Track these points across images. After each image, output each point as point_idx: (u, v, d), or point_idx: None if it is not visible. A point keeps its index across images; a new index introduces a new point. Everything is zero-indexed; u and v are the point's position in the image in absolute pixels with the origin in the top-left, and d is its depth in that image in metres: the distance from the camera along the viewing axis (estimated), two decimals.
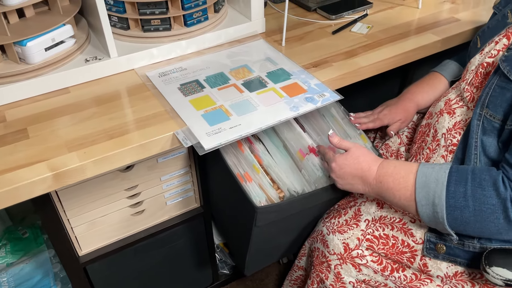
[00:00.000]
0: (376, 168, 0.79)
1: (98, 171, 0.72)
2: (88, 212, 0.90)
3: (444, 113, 0.86)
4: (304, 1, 1.15)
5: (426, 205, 0.72)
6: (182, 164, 0.97)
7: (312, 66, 0.93)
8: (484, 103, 0.76)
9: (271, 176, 0.87)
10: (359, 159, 0.81)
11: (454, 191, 0.70)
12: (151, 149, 0.76)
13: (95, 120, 0.79)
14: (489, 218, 0.68)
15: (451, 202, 0.70)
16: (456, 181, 0.70)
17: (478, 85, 0.82)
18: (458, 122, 0.84)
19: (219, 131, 0.76)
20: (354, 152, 0.82)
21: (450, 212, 0.70)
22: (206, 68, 0.92)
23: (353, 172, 0.81)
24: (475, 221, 0.70)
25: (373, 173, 0.80)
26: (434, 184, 0.71)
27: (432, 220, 0.74)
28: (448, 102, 0.88)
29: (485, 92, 0.76)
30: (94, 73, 0.88)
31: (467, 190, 0.69)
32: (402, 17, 1.10)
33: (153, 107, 0.82)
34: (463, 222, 0.71)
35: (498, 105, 0.74)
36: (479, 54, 0.85)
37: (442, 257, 0.79)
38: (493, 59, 0.80)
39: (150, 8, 0.89)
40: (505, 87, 0.73)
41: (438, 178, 0.72)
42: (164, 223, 1.05)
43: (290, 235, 0.98)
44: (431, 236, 0.80)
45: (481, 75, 0.81)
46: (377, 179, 0.79)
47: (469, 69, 0.86)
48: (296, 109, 0.81)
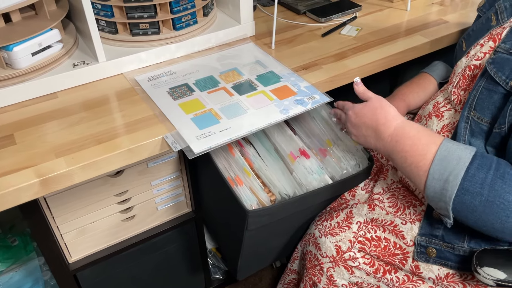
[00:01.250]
0: (394, 125, 0.75)
1: (86, 177, 0.71)
2: (77, 218, 0.89)
3: (433, 116, 0.87)
4: (294, 4, 1.15)
5: (438, 179, 0.69)
6: (173, 169, 0.96)
7: (302, 68, 0.93)
8: (471, 106, 0.76)
9: (262, 180, 0.87)
10: (376, 111, 0.78)
11: (473, 174, 0.66)
12: (140, 154, 0.75)
13: (83, 125, 0.78)
14: (499, 213, 0.65)
15: (466, 184, 0.66)
16: (479, 166, 0.67)
17: (465, 87, 0.82)
18: (446, 125, 0.84)
19: (209, 134, 0.75)
20: (373, 103, 0.79)
21: (459, 195, 0.67)
22: (196, 72, 0.92)
23: (368, 122, 0.78)
24: (482, 212, 0.66)
25: (389, 129, 0.76)
26: (455, 162, 0.67)
27: (435, 197, 0.70)
28: (436, 105, 0.88)
29: (473, 94, 0.76)
30: (82, 77, 0.87)
31: (487, 178, 0.66)
32: (391, 19, 1.11)
33: (142, 111, 0.81)
34: (470, 209, 0.67)
35: (485, 107, 0.74)
36: (465, 57, 0.85)
37: (433, 261, 0.79)
38: (480, 62, 0.80)
39: (139, 12, 0.89)
40: (492, 90, 0.73)
41: (461, 156, 0.68)
42: (155, 228, 1.04)
43: (282, 238, 0.97)
44: (421, 240, 0.80)
45: (468, 78, 0.81)
46: (393, 137, 0.75)
47: (456, 72, 0.86)
48: (286, 112, 0.81)
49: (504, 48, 0.74)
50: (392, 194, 0.90)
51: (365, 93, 0.82)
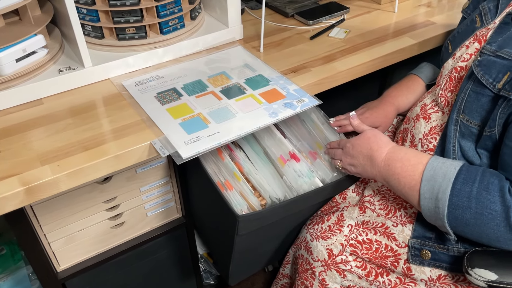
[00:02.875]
0: (386, 150, 0.79)
1: (72, 184, 0.70)
2: (65, 226, 0.88)
3: (420, 118, 0.87)
4: (282, 7, 1.15)
5: (429, 198, 0.71)
6: (162, 174, 0.95)
7: (290, 71, 0.93)
8: (460, 109, 0.76)
9: (252, 184, 0.86)
10: (370, 140, 0.82)
11: (460, 189, 0.68)
12: (128, 160, 0.74)
13: (69, 131, 0.77)
14: (489, 224, 0.67)
15: (454, 200, 0.68)
16: (464, 180, 0.68)
17: (452, 89, 0.82)
18: (434, 127, 0.84)
19: (197, 139, 0.75)
20: (367, 133, 0.84)
21: (451, 210, 0.69)
22: (184, 76, 0.91)
23: (363, 151, 0.81)
24: (474, 224, 0.68)
25: (382, 154, 0.79)
26: (441, 179, 0.70)
27: (432, 215, 0.72)
28: (424, 107, 0.88)
29: (461, 97, 0.76)
30: (68, 83, 0.86)
31: (472, 191, 0.67)
32: (379, 21, 1.11)
33: (129, 117, 0.80)
34: (463, 223, 0.69)
35: (474, 110, 0.74)
36: (452, 59, 0.85)
37: (428, 263, 0.79)
38: (466, 63, 0.80)
39: (125, 16, 0.88)
40: (479, 92, 0.73)
41: (446, 173, 0.70)
42: (145, 234, 1.02)
43: (274, 242, 0.97)
44: (415, 242, 0.80)
45: (455, 79, 0.81)
46: (386, 162, 0.78)
47: (442, 74, 0.86)
48: (275, 115, 0.81)
49: (490, 50, 0.74)
50: (382, 196, 0.90)
51: (360, 126, 0.88)
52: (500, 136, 0.70)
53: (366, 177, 0.85)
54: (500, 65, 0.70)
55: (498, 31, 0.75)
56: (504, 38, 0.73)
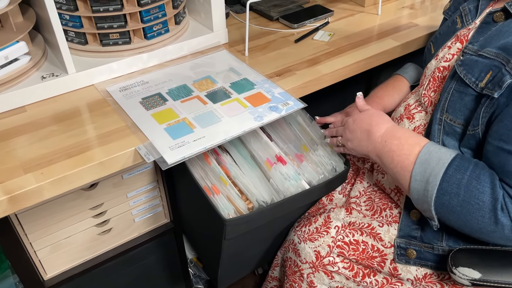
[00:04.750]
0: (386, 126, 0.80)
1: (56, 192, 0.69)
2: (51, 234, 0.87)
3: (404, 118, 0.88)
4: (266, 11, 1.16)
5: (420, 181, 0.71)
6: (149, 179, 0.95)
7: (275, 75, 0.93)
8: (443, 108, 0.77)
9: (239, 187, 0.86)
10: (372, 116, 0.83)
11: (451, 175, 0.68)
12: (112, 166, 0.73)
13: (53, 138, 0.76)
14: (475, 213, 0.67)
15: (444, 185, 0.68)
16: (457, 167, 0.69)
17: (435, 89, 0.83)
18: (417, 126, 0.85)
19: (183, 144, 0.75)
20: (370, 110, 0.85)
21: (439, 195, 0.69)
22: (169, 81, 0.91)
23: (363, 126, 0.82)
24: (460, 212, 0.68)
25: (381, 130, 0.79)
26: (434, 163, 0.70)
27: (420, 198, 0.72)
28: (408, 107, 0.89)
29: (444, 97, 0.77)
30: (52, 90, 0.85)
31: (463, 179, 0.68)
32: (363, 23, 1.12)
33: (114, 123, 0.80)
34: (449, 210, 0.69)
35: (457, 109, 0.75)
36: (434, 59, 0.86)
37: (414, 262, 0.80)
38: (449, 63, 0.81)
39: (108, 22, 0.87)
40: (463, 92, 0.73)
41: (441, 158, 0.70)
42: (133, 240, 1.02)
43: (262, 245, 0.97)
44: (400, 242, 0.81)
45: (438, 79, 0.82)
46: (383, 138, 0.78)
47: (426, 74, 0.87)
48: (261, 119, 0.81)
49: (472, 50, 0.75)
50: (368, 197, 0.91)
51: (364, 106, 0.88)
52: (483, 135, 0.71)
53: (359, 153, 0.85)
54: (482, 64, 0.71)
55: (480, 30, 0.77)
56: (485, 38, 0.74)
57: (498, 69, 0.67)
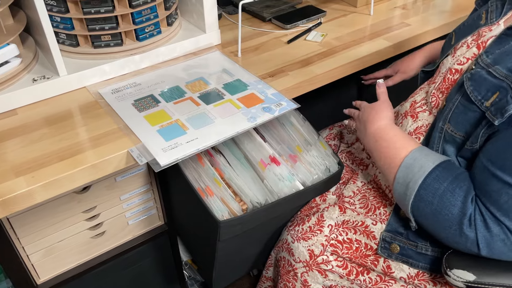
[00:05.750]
0: (378, 125, 0.82)
1: (48, 196, 0.69)
2: (44, 238, 0.86)
3: (408, 116, 0.87)
4: (259, 12, 1.16)
5: (401, 184, 0.74)
6: (142, 182, 0.94)
7: (268, 76, 0.93)
8: (446, 118, 0.76)
9: (233, 189, 0.86)
10: (373, 110, 0.86)
11: (429, 184, 0.70)
12: (105, 169, 0.73)
13: (44, 141, 0.75)
14: (443, 223, 0.69)
15: (422, 192, 0.71)
16: (437, 177, 0.70)
17: (444, 90, 0.81)
18: (419, 126, 0.84)
19: (176, 146, 0.74)
20: (377, 103, 0.88)
21: (416, 201, 0.72)
22: (161, 82, 0.90)
23: (364, 118, 0.87)
24: (432, 220, 0.71)
25: (372, 127, 0.83)
26: (416, 169, 0.72)
27: (400, 199, 0.75)
28: (413, 105, 0.88)
29: (449, 107, 0.76)
30: (43, 93, 0.85)
31: (439, 189, 0.70)
32: (355, 24, 1.12)
33: (106, 125, 0.79)
34: (423, 215, 0.72)
35: (459, 122, 0.74)
36: (451, 56, 0.84)
37: (395, 257, 0.81)
38: (462, 67, 0.79)
39: (100, 23, 0.87)
40: (467, 107, 0.72)
41: (423, 165, 0.72)
42: (127, 243, 1.01)
43: (257, 246, 0.97)
44: (386, 235, 0.82)
45: (448, 81, 0.81)
46: (374, 136, 0.82)
47: (441, 71, 0.85)
48: (254, 120, 0.81)
49: (485, 62, 0.72)
50: (363, 195, 0.91)
51: (380, 95, 0.90)
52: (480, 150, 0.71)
53: (361, 139, 0.89)
54: (490, 83, 0.69)
55: (498, 41, 0.73)
56: (501, 51, 0.71)
57: (505, 92, 0.66)
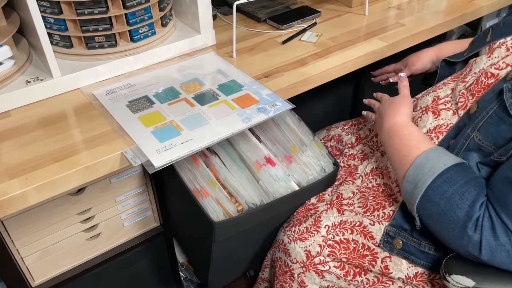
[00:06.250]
0: (394, 121, 0.82)
1: (42, 198, 0.68)
2: (38, 240, 0.86)
3: (429, 111, 0.85)
4: (254, 12, 1.15)
5: (410, 182, 0.74)
6: (138, 183, 0.94)
7: (263, 76, 0.93)
8: (476, 126, 0.73)
9: (228, 190, 0.86)
10: (392, 104, 0.86)
11: (438, 185, 0.70)
12: (99, 171, 0.73)
13: (38, 143, 0.75)
14: (448, 225, 0.69)
15: (429, 193, 0.70)
16: (447, 179, 0.70)
17: (475, 93, 0.78)
18: (440, 125, 0.82)
19: (170, 147, 0.74)
20: (397, 97, 0.88)
21: (423, 201, 0.71)
22: (156, 84, 0.90)
23: (382, 111, 0.87)
24: (437, 220, 0.70)
25: (388, 123, 0.83)
26: (427, 170, 0.72)
27: (407, 197, 0.75)
28: (436, 100, 0.85)
29: (482, 115, 0.72)
30: (37, 94, 0.84)
31: (448, 191, 0.69)
32: (350, 24, 1.12)
33: (100, 127, 0.79)
34: (428, 215, 0.72)
35: (490, 133, 0.71)
36: (487, 56, 0.81)
37: (397, 252, 0.80)
38: (499, 72, 0.76)
39: (93, 24, 0.86)
40: (502, 119, 0.69)
41: (434, 166, 0.71)
42: (123, 245, 1.01)
43: (252, 247, 0.97)
44: (390, 230, 0.81)
45: (481, 84, 0.77)
46: (388, 132, 0.82)
47: (472, 70, 0.82)
48: (249, 121, 0.81)
49: None
50: (362, 194, 0.90)
51: (401, 89, 0.91)
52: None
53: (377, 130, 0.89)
54: None
55: None
56: None
57: None
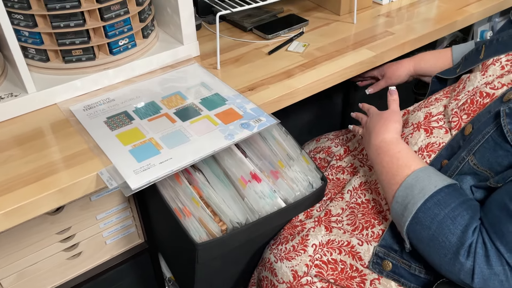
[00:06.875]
0: (382, 137, 0.79)
1: (10, 225, 0.65)
2: (16, 261, 0.82)
3: (421, 129, 0.82)
4: (239, 21, 1.12)
5: (400, 203, 0.71)
6: (120, 200, 0.91)
7: (248, 89, 0.90)
8: (472, 150, 0.70)
9: (212, 208, 0.83)
10: (381, 120, 0.83)
11: (428, 208, 0.67)
12: (73, 193, 0.69)
13: (10, 164, 0.71)
14: (439, 250, 0.66)
15: (420, 215, 0.68)
16: (438, 202, 0.67)
17: (470, 112, 0.76)
18: (431, 143, 0.79)
19: (148, 167, 0.71)
20: (385, 112, 0.85)
21: (412, 223, 0.69)
22: (136, 98, 0.87)
23: (370, 127, 0.84)
24: (427, 245, 0.68)
25: (376, 139, 0.80)
26: (417, 191, 0.69)
27: (397, 218, 0.72)
28: (428, 117, 0.82)
29: (477, 139, 0.69)
30: (10, 111, 0.80)
31: (439, 215, 0.66)
32: (338, 33, 1.09)
33: (76, 145, 0.75)
34: (418, 238, 0.69)
35: (486, 158, 0.68)
36: (481, 74, 0.78)
37: (386, 274, 0.78)
38: (495, 92, 0.73)
39: (70, 37, 0.83)
40: (499, 144, 0.66)
41: (424, 188, 0.69)
42: (106, 263, 0.97)
43: (238, 265, 0.94)
44: (379, 251, 0.79)
45: (476, 104, 0.75)
46: (377, 149, 0.79)
47: (466, 87, 0.79)
48: (231, 137, 0.78)
49: None
50: (351, 211, 0.88)
51: (390, 103, 0.88)
52: None
53: (364, 145, 0.86)
54: None
55: None
56: None
57: None
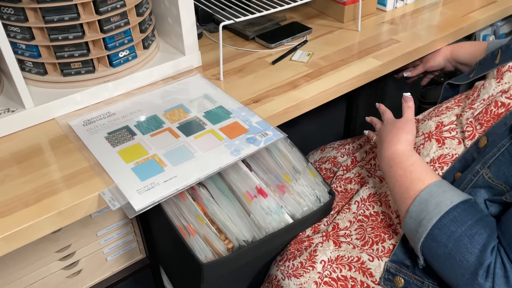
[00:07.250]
0: (395, 148, 0.77)
1: (10, 249, 0.62)
2: (15, 281, 0.80)
3: (433, 139, 0.79)
4: (242, 30, 1.10)
5: (414, 219, 0.68)
6: (120, 216, 0.88)
7: (252, 101, 0.87)
8: (486, 163, 0.68)
9: (217, 225, 0.80)
10: (394, 129, 0.81)
11: (444, 225, 0.65)
12: (74, 215, 0.66)
13: (7, 184, 0.68)
14: (456, 270, 0.64)
15: (435, 232, 0.65)
16: (454, 218, 0.64)
17: (484, 123, 0.74)
18: (444, 155, 0.77)
19: (152, 186, 0.68)
20: (399, 121, 0.83)
21: (428, 240, 0.66)
22: (138, 111, 0.84)
23: (383, 136, 0.82)
24: (443, 263, 0.65)
25: (388, 151, 0.77)
26: (432, 207, 0.66)
27: (410, 234, 0.70)
28: (440, 127, 0.80)
29: (493, 152, 0.67)
30: (6, 127, 0.78)
31: (456, 232, 0.64)
32: (342, 41, 1.07)
33: (76, 163, 0.72)
34: (433, 256, 0.67)
35: (501, 172, 0.66)
36: (496, 81, 0.76)
37: None
38: (510, 101, 0.71)
39: (68, 50, 0.80)
40: None
41: (439, 203, 0.66)
42: (107, 280, 0.95)
43: (244, 283, 0.91)
44: (391, 266, 0.76)
45: (491, 114, 0.73)
46: (389, 161, 0.76)
47: (481, 95, 0.77)
48: (238, 153, 0.75)
49: None
50: (360, 225, 0.85)
51: (404, 110, 0.86)
52: None
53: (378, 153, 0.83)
54: None
55: None
56: None
57: None
